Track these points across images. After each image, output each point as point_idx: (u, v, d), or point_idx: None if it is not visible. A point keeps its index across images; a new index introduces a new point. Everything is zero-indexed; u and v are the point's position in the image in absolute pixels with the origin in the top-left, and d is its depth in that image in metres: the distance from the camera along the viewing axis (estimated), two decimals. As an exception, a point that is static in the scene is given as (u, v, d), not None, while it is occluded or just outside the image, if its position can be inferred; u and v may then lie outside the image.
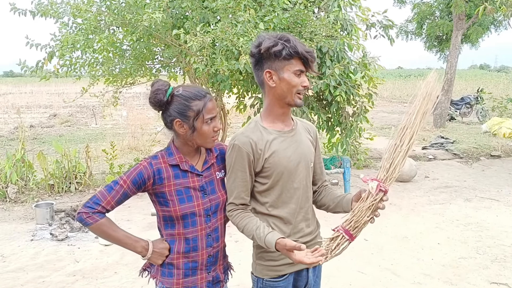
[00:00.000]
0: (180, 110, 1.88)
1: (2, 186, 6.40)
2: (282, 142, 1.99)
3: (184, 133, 1.91)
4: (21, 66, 6.01)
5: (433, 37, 18.49)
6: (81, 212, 1.84)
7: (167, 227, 1.97)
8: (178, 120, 1.89)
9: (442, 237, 5.28)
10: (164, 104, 1.90)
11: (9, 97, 26.54)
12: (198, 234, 1.96)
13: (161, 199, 1.93)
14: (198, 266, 1.99)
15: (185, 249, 1.96)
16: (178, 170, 1.94)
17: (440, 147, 10.56)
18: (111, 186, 1.88)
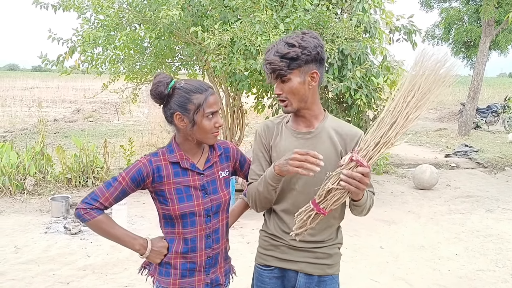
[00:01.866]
0: (181, 103, 1.83)
1: (20, 178, 6.48)
2: (293, 142, 1.92)
3: (184, 127, 1.86)
4: (42, 59, 6.08)
5: (461, 42, 18.11)
6: (79, 208, 1.81)
7: (167, 225, 1.93)
8: (178, 113, 1.84)
9: (460, 248, 5.12)
10: (165, 97, 1.85)
11: (36, 91, 27.08)
12: (197, 234, 1.90)
13: (161, 197, 1.88)
14: (196, 267, 1.93)
15: (183, 249, 1.90)
16: (178, 168, 1.88)
17: (464, 155, 10.30)
18: (110, 182, 1.84)
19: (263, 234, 2.10)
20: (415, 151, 10.95)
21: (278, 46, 1.83)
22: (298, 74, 1.84)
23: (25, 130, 12.43)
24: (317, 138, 1.93)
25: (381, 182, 7.97)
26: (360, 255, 4.82)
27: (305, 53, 1.81)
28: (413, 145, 12.23)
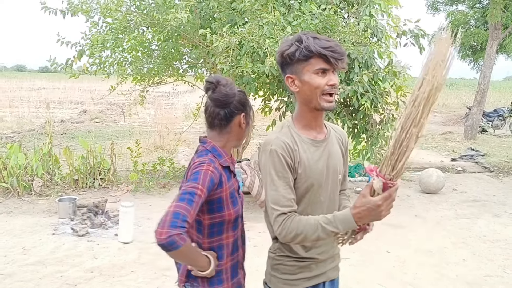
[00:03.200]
0: (244, 103, 1.91)
1: (28, 179, 6.51)
2: (315, 152, 1.86)
3: (244, 128, 1.93)
4: (51, 63, 6.13)
5: (467, 46, 18.05)
6: (174, 235, 1.57)
7: (212, 235, 1.86)
8: (244, 113, 1.91)
9: (468, 253, 5.09)
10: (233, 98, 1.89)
11: (43, 92, 27.24)
12: (239, 234, 1.98)
13: (215, 205, 1.83)
14: (239, 265, 2.01)
15: (232, 252, 1.94)
16: (228, 172, 1.91)
17: (470, 159, 10.26)
18: (191, 198, 1.66)
19: (287, 260, 1.90)
20: (421, 155, 10.91)
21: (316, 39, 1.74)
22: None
23: (33, 131, 12.50)
24: (330, 143, 1.92)
25: (387, 185, 7.94)
26: (367, 259, 4.81)
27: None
28: (419, 148, 12.18)
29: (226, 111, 1.87)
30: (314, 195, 1.85)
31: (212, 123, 1.91)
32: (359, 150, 7.92)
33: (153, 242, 4.91)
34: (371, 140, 7.27)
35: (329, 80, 1.75)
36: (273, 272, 1.94)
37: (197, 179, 1.72)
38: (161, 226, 1.59)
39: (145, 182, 7.12)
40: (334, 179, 1.92)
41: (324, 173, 1.86)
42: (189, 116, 15.27)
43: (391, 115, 7.11)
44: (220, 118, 1.88)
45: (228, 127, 1.90)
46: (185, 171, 1.91)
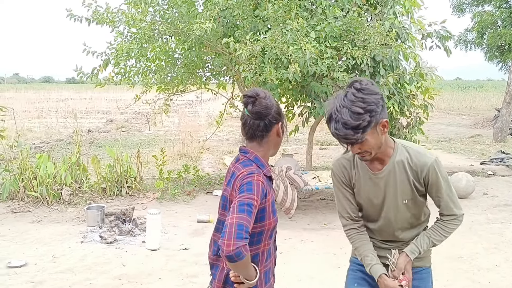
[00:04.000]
0: (280, 113, 1.97)
1: (57, 188, 6.63)
2: (367, 182, 2.13)
3: (280, 136, 1.99)
4: (77, 72, 6.24)
5: (495, 47, 17.67)
6: (240, 246, 1.63)
7: (251, 244, 1.81)
8: (282, 122, 1.98)
9: (500, 258, 4.94)
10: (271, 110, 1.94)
11: (70, 102, 27.85)
12: (272, 242, 2.01)
13: (259, 215, 1.84)
14: (271, 271, 2.02)
15: (266, 258, 1.96)
16: (269, 181, 1.95)
17: (501, 162, 9.99)
18: (250, 210, 1.73)
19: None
20: (450, 159, 10.69)
21: (344, 116, 1.84)
22: (372, 132, 1.90)
23: (61, 141, 12.77)
24: (389, 175, 2.09)
25: (415, 190, 7.80)
26: (396, 265, 4.71)
27: (373, 115, 1.85)
28: (447, 152, 11.95)
29: (265, 122, 1.92)
30: (367, 212, 2.22)
31: (254, 135, 1.95)
32: (385, 155, 7.81)
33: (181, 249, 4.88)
34: (398, 144, 7.16)
35: (353, 151, 2.00)
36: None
37: (252, 190, 1.77)
38: (228, 238, 1.64)
39: (170, 189, 7.17)
40: (394, 205, 2.14)
41: (376, 201, 2.15)
42: (212, 124, 15.37)
43: (418, 118, 6.99)
44: (261, 129, 1.93)
45: (267, 137, 1.95)
46: (227, 178, 1.97)
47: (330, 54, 5.81)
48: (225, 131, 16.03)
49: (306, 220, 6.26)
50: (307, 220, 6.24)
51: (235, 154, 11.25)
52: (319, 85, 6.37)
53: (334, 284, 3.98)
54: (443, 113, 24.01)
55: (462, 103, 28.78)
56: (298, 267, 4.57)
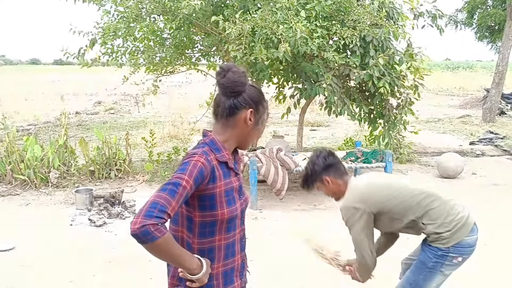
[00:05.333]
0: (256, 100, 1.76)
1: (45, 171, 6.55)
2: None
3: (249, 125, 1.76)
4: (64, 52, 6.11)
5: (485, 27, 17.64)
6: (148, 225, 1.46)
7: (203, 235, 1.72)
8: (252, 109, 1.75)
9: (490, 237, 4.96)
10: (242, 90, 1.74)
11: (58, 84, 27.47)
12: (236, 238, 1.81)
13: (207, 202, 1.69)
14: (234, 272, 1.82)
15: (225, 257, 1.78)
16: (226, 168, 1.75)
17: (489, 142, 10.06)
18: (173, 189, 1.55)
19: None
20: (439, 139, 10.74)
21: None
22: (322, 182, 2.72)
23: (48, 123, 12.61)
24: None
25: (404, 171, 7.84)
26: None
27: (312, 174, 2.73)
28: (437, 132, 12.01)
29: (232, 101, 1.73)
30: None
31: (217, 112, 1.77)
32: (375, 136, 7.81)
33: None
34: (388, 125, 7.16)
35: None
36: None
37: (185, 169, 1.60)
38: (136, 216, 1.49)
39: (160, 172, 7.12)
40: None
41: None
42: (202, 106, 15.24)
43: (409, 99, 6.98)
44: (224, 107, 1.74)
45: (232, 120, 1.75)
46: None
47: (320, 33, 5.74)
48: (214, 113, 15.90)
49: (296, 201, 6.26)
50: (298, 201, 6.24)
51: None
52: (309, 66, 6.31)
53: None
54: (432, 94, 24.07)
55: (451, 84, 28.85)
56: (288, 247, 4.57)
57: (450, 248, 2.51)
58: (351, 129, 11.77)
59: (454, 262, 2.54)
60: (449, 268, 2.56)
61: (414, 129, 8.09)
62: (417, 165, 8.33)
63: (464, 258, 2.57)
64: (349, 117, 6.94)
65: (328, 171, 2.67)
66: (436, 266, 2.55)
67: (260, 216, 5.58)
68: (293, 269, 4.13)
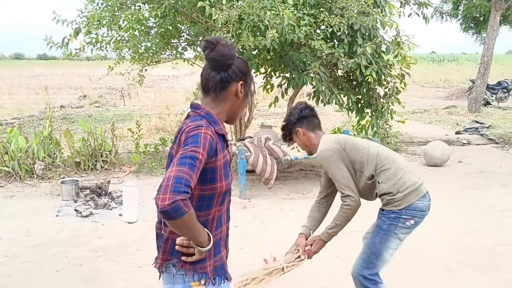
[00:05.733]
0: (244, 72, 1.76)
1: (29, 163, 6.45)
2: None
3: (240, 98, 1.77)
4: (47, 41, 6.00)
5: (470, 18, 17.79)
6: (178, 200, 1.44)
7: (201, 208, 1.70)
8: (242, 81, 1.75)
9: (476, 223, 5.03)
10: (231, 62, 1.72)
11: (42, 78, 27.03)
12: (224, 210, 1.82)
13: (208, 176, 1.67)
14: (221, 242, 1.83)
15: (215, 228, 1.77)
16: (223, 141, 1.76)
17: (475, 132, 10.16)
18: (192, 163, 1.53)
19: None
20: (425, 129, 10.82)
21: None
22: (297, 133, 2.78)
23: (33, 117, 12.42)
24: None
25: (392, 160, 7.87)
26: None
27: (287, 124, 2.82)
28: (423, 123, 12.09)
29: (222, 75, 1.72)
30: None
31: (206, 87, 1.75)
32: (362, 125, 7.83)
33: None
34: (376, 114, 7.17)
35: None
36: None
37: (198, 142, 1.58)
38: (164, 192, 1.45)
39: (147, 163, 7.06)
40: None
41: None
42: (189, 98, 15.14)
43: (396, 88, 6.99)
44: (215, 81, 1.72)
45: (224, 94, 1.75)
46: (175, 136, 1.76)
47: (308, 21, 5.71)
48: (202, 104, 15.81)
49: (285, 190, 6.25)
50: (286, 190, 6.23)
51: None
52: (297, 54, 6.28)
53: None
54: (418, 85, 24.24)
55: (437, 76, 29.08)
56: (277, 236, 4.56)
57: (402, 210, 2.64)
58: (338, 120, 11.79)
59: (407, 224, 2.65)
60: (403, 230, 2.67)
61: (401, 118, 8.13)
62: (404, 154, 8.38)
63: (416, 221, 2.68)
64: (337, 106, 6.93)
65: (301, 123, 2.75)
66: (391, 227, 2.67)
67: (249, 205, 5.56)
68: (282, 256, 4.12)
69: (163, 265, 1.75)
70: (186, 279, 1.72)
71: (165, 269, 1.76)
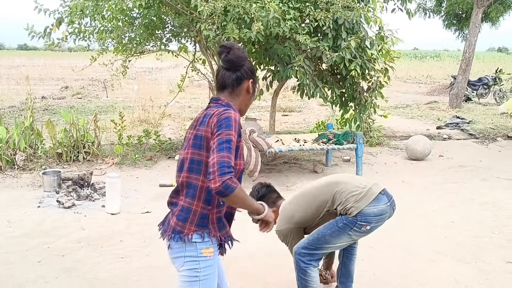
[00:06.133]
0: (253, 71, 2.12)
1: (10, 153, 6.35)
2: None
3: (249, 94, 2.12)
4: (29, 31, 5.89)
5: (452, 15, 18.01)
6: (226, 180, 1.79)
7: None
8: (252, 80, 2.11)
9: (456, 215, 5.13)
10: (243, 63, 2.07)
11: (22, 69, 26.54)
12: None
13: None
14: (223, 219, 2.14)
15: (218, 204, 2.06)
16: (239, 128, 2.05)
17: (456, 127, 10.32)
18: (229, 146, 1.86)
19: None
20: (407, 124, 10.94)
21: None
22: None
23: (13, 107, 12.19)
24: None
25: (374, 153, 7.97)
26: (357, 224, 4.81)
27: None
28: (405, 118, 12.22)
29: (237, 74, 2.05)
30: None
31: (223, 84, 2.07)
32: (346, 118, 7.89)
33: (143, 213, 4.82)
34: (359, 108, 7.23)
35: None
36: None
37: (230, 126, 1.89)
38: (213, 177, 1.80)
39: (131, 155, 7.00)
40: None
41: None
42: (173, 91, 15.05)
43: (379, 82, 7.05)
44: (232, 79, 2.06)
45: (238, 89, 2.08)
46: (195, 124, 2.03)
47: (293, 15, 5.72)
48: (187, 98, 15.77)
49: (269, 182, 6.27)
50: (271, 183, 6.24)
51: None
52: (282, 48, 6.29)
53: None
54: (401, 81, 24.48)
55: (419, 72, 29.41)
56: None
57: (357, 217, 2.73)
58: (322, 115, 11.85)
59: (362, 230, 2.77)
60: (357, 234, 2.80)
61: (384, 112, 8.21)
62: (387, 148, 8.48)
63: (373, 226, 2.79)
64: (321, 99, 6.97)
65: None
66: (346, 228, 2.78)
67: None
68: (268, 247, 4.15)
69: (188, 234, 1.98)
70: (198, 246, 1.99)
71: (186, 239, 1.99)
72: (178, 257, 2.04)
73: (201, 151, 1.97)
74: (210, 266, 2.04)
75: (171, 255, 2.07)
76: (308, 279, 2.88)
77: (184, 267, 2.02)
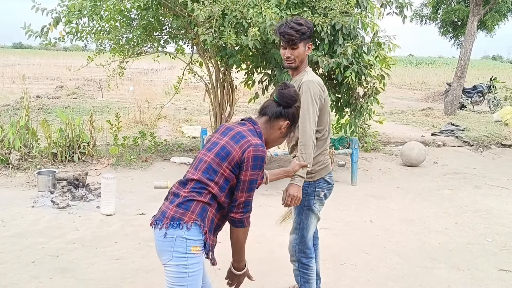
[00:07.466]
0: (295, 118, 2.32)
1: (5, 152, 6.32)
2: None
3: (279, 133, 2.30)
4: (26, 30, 5.88)
5: (448, 22, 18.12)
6: (245, 217, 2.17)
7: (228, 196, 2.17)
8: (289, 123, 2.30)
9: (450, 222, 5.17)
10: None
11: (17, 68, 26.43)
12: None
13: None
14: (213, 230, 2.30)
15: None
16: None
17: (450, 134, 10.37)
18: (255, 186, 2.15)
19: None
20: (402, 130, 10.99)
21: (291, 23, 2.79)
22: (303, 44, 2.84)
23: (8, 106, 12.14)
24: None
25: (369, 159, 8.00)
26: (351, 228, 4.84)
27: (309, 30, 2.84)
28: (400, 124, 12.28)
29: (280, 109, 2.26)
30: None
31: (265, 111, 2.29)
32: (341, 124, 7.91)
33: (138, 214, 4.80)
34: (355, 113, 7.25)
35: (284, 53, 2.87)
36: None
37: (262, 167, 2.13)
38: (237, 210, 2.15)
39: (126, 156, 6.99)
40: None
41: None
42: (169, 93, 15.04)
43: (375, 88, 7.08)
44: (274, 110, 2.26)
45: (274, 122, 2.28)
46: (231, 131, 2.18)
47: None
48: (183, 100, 15.76)
49: (264, 186, 6.22)
50: (265, 186, 6.22)
51: (192, 122, 11.09)
52: (279, 52, 6.28)
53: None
54: (396, 87, 24.61)
55: (414, 78, 29.56)
56: (256, 231, 4.59)
57: (317, 182, 2.94)
58: (317, 119, 11.86)
59: (320, 196, 2.97)
60: (318, 202, 2.98)
61: (379, 118, 8.25)
62: (382, 153, 8.51)
63: (325, 194, 3.00)
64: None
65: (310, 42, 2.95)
66: (310, 202, 2.96)
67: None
68: (261, 251, 4.16)
69: (188, 222, 2.06)
70: (188, 243, 2.06)
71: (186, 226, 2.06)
72: (166, 250, 2.09)
73: (222, 163, 2.11)
74: (198, 263, 2.12)
75: (159, 247, 2.12)
76: (309, 272, 3.03)
77: (171, 262, 2.08)
